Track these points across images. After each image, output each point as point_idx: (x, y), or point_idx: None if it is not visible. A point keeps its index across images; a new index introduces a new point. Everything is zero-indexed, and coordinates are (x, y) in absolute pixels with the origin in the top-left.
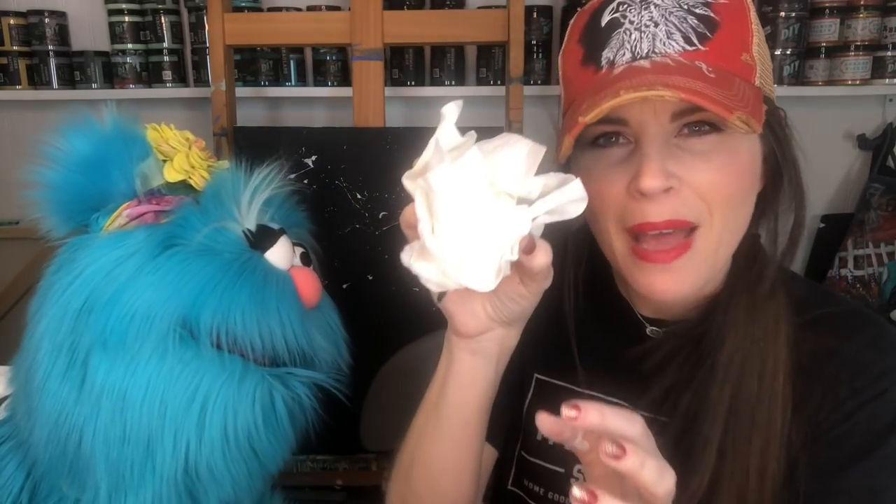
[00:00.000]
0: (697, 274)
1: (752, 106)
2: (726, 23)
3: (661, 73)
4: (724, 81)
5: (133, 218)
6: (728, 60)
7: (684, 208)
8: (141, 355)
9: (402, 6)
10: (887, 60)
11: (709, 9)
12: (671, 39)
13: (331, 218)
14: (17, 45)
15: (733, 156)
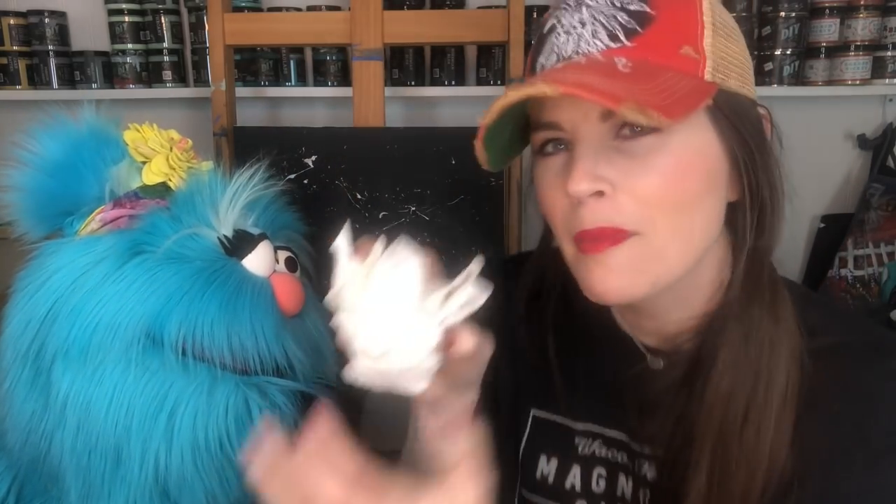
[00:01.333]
0: (639, 278)
1: (675, 98)
2: (663, 17)
3: (564, 71)
4: (643, 75)
5: (106, 222)
6: (660, 54)
7: (619, 216)
8: (105, 365)
9: (402, 6)
10: (887, 60)
11: (645, 4)
12: (596, 38)
13: (331, 218)
14: (17, 45)
15: (676, 158)
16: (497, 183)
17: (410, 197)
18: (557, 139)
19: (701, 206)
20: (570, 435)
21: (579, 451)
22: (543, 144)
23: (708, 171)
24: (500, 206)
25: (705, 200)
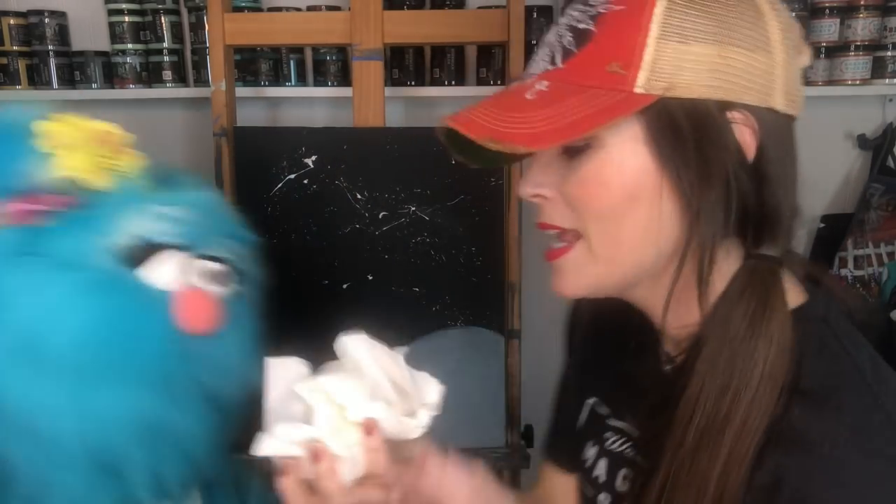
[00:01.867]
0: (584, 279)
1: (564, 122)
2: (600, 35)
3: (486, 101)
4: (548, 100)
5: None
6: (583, 74)
7: (556, 215)
8: None
9: (402, 6)
10: (887, 60)
11: (592, 22)
12: (543, 59)
13: (331, 218)
14: (17, 45)
15: (595, 171)
16: (497, 183)
17: (410, 197)
18: None
19: (628, 216)
20: (603, 428)
21: (606, 446)
22: None
23: (628, 183)
24: (500, 206)
25: (632, 210)
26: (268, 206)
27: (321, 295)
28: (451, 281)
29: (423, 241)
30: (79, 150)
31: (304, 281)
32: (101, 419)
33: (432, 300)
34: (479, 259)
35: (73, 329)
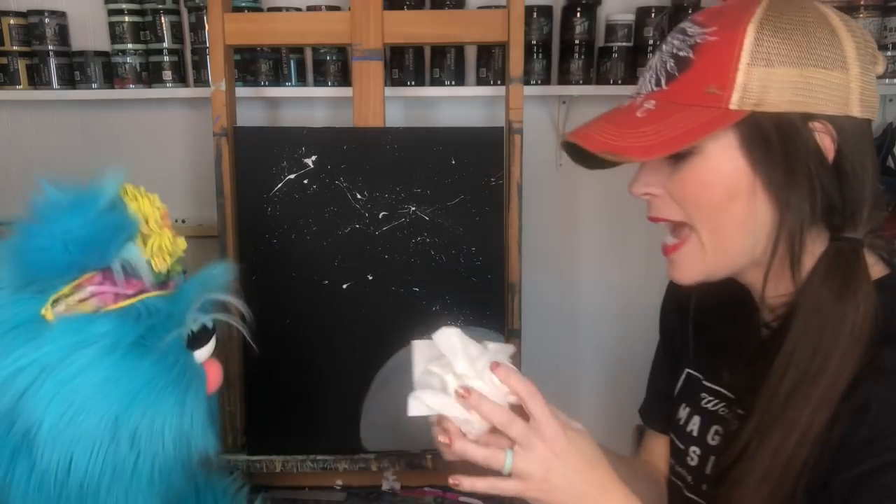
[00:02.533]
0: (696, 268)
1: (669, 136)
2: (700, 62)
3: (600, 119)
4: (655, 117)
5: (95, 295)
6: (686, 96)
7: (665, 210)
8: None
9: (402, 6)
10: (887, 60)
11: (692, 50)
12: (650, 82)
13: (331, 218)
14: (17, 45)
15: (698, 173)
16: (497, 183)
17: (410, 197)
18: None
19: (728, 213)
20: (698, 388)
21: (701, 405)
22: None
23: (727, 185)
24: (500, 206)
25: (730, 206)
26: (268, 206)
27: (321, 295)
28: (451, 281)
29: (423, 241)
30: (165, 237)
31: (304, 281)
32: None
33: (432, 300)
34: (479, 259)
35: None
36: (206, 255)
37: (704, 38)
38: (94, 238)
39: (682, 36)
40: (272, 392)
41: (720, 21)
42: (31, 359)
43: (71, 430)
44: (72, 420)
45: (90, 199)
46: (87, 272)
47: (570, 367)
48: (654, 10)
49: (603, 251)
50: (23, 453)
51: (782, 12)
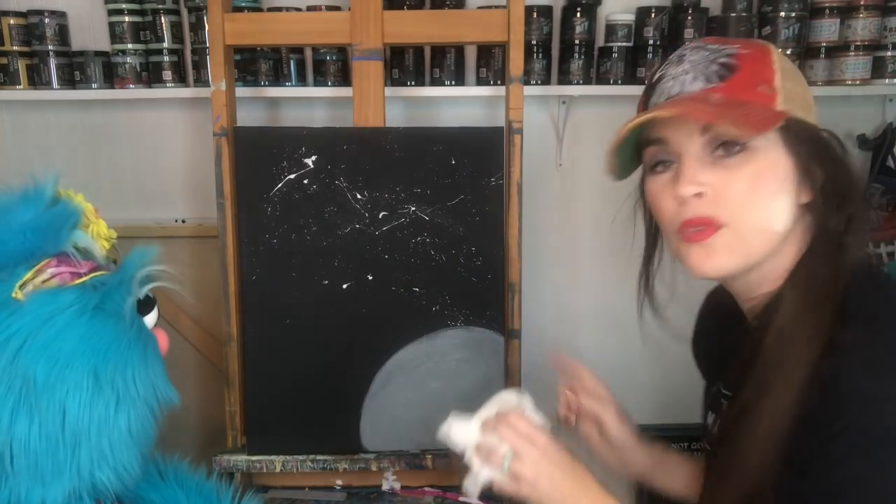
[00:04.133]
0: (732, 255)
1: (756, 119)
2: (745, 67)
3: (672, 103)
4: (731, 105)
5: (55, 276)
6: (743, 92)
7: (714, 209)
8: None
9: (402, 6)
10: (887, 60)
11: (731, 58)
12: (695, 82)
13: (331, 218)
14: (17, 45)
15: (757, 167)
16: (497, 183)
17: (410, 197)
18: (665, 160)
19: (775, 205)
20: (719, 396)
21: (722, 409)
22: (655, 164)
23: (779, 179)
24: (500, 206)
25: (778, 200)
26: (268, 206)
27: (321, 295)
28: (451, 281)
29: (423, 241)
30: (100, 224)
31: (304, 281)
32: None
33: (432, 300)
34: (479, 259)
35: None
36: (207, 255)
37: (737, 51)
38: (47, 226)
39: (707, 51)
40: (272, 392)
41: (738, 42)
42: (16, 327)
43: (61, 384)
44: (60, 374)
45: (37, 195)
46: (45, 258)
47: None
48: (654, 10)
49: (603, 251)
50: (22, 410)
51: None
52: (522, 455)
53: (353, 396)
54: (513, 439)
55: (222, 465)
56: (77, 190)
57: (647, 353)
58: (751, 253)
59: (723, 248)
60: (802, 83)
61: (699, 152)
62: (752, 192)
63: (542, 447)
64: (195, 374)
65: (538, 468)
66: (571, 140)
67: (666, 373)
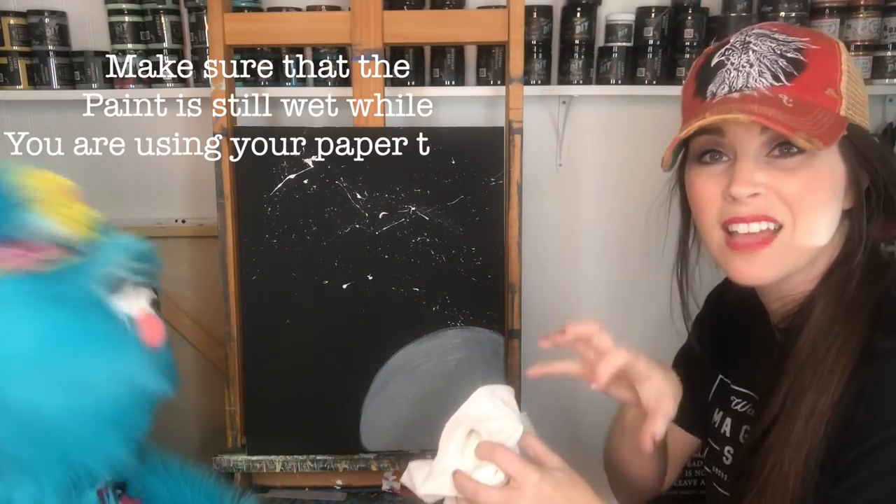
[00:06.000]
0: (777, 266)
1: (825, 129)
2: (813, 65)
3: (744, 102)
4: (801, 110)
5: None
6: (812, 94)
7: (769, 208)
8: None
9: (402, 6)
10: (887, 60)
11: (800, 53)
12: (762, 77)
13: (331, 218)
14: (17, 45)
15: (815, 172)
16: (497, 183)
17: (410, 197)
18: (715, 150)
19: (827, 210)
20: (729, 393)
21: (732, 406)
22: (702, 154)
23: (833, 184)
24: (500, 206)
25: (831, 205)
26: (268, 206)
27: (321, 295)
28: (451, 281)
29: (423, 241)
30: (60, 205)
31: (304, 281)
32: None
33: (432, 300)
34: (479, 259)
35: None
36: (207, 255)
37: (807, 45)
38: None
39: (773, 41)
40: (272, 392)
41: (809, 34)
42: None
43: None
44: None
45: None
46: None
47: None
48: (654, 10)
49: (603, 251)
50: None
51: None
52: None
53: (353, 396)
54: (497, 500)
55: (222, 465)
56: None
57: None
58: (795, 263)
59: (770, 259)
60: (862, 85)
61: (757, 151)
62: (806, 197)
63: (531, 498)
64: (195, 374)
65: None
66: (571, 140)
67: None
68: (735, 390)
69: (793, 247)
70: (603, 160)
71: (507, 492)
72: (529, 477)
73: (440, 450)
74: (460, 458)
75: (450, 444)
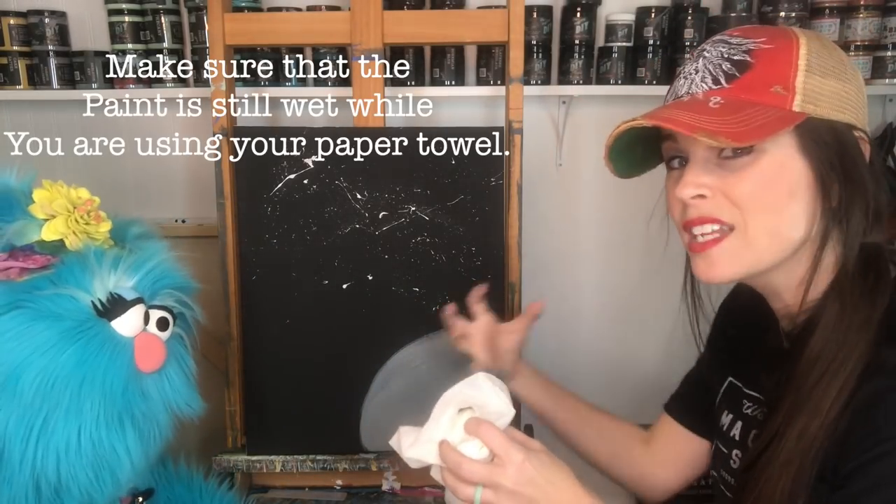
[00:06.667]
0: (735, 265)
1: (751, 127)
2: (760, 64)
3: (670, 107)
4: (729, 109)
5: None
6: (753, 93)
7: (716, 210)
8: None
9: (402, 6)
10: (887, 60)
11: (748, 55)
12: (703, 82)
13: (331, 218)
14: (17, 45)
15: (763, 170)
16: (497, 183)
17: (410, 197)
18: (676, 156)
19: (786, 210)
20: (740, 396)
21: (742, 410)
22: (670, 160)
23: (789, 182)
24: (500, 206)
25: (790, 205)
26: (268, 206)
27: (321, 295)
28: (451, 281)
29: (423, 241)
30: (62, 217)
31: (304, 281)
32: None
33: (432, 300)
34: (479, 259)
35: (49, 369)
36: (207, 255)
37: (758, 46)
38: None
39: (726, 45)
40: (272, 392)
41: (767, 33)
42: None
43: None
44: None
45: None
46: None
47: (570, 367)
48: (654, 10)
49: (603, 251)
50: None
51: (817, 35)
52: (494, 489)
53: (352, 396)
54: (479, 478)
55: (222, 465)
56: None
57: (647, 352)
58: (760, 259)
59: (725, 258)
60: (844, 78)
61: (705, 153)
62: (755, 196)
63: (514, 475)
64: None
65: (515, 502)
66: (571, 140)
67: (666, 371)
68: (747, 394)
69: (748, 246)
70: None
71: (491, 468)
72: (513, 455)
73: (431, 419)
74: (450, 431)
75: (442, 416)
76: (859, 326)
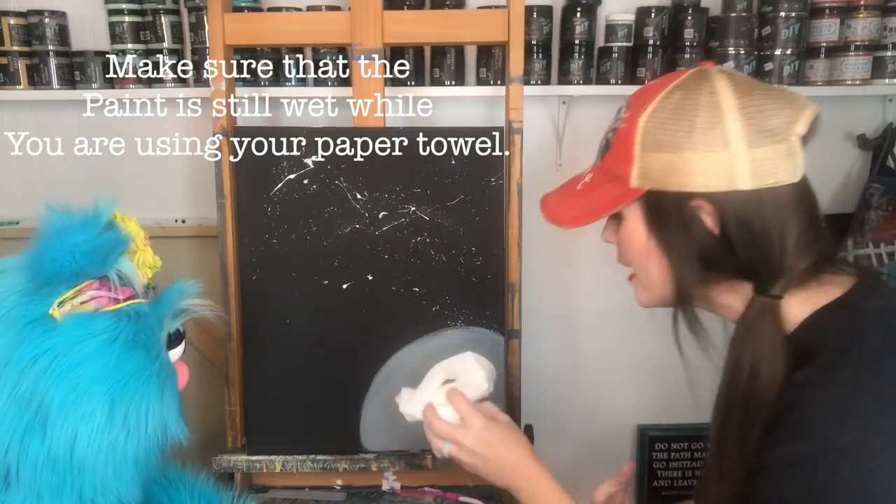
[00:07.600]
0: (647, 298)
1: (587, 210)
2: (615, 144)
3: (556, 191)
4: (588, 189)
5: (94, 298)
6: (607, 173)
7: (621, 256)
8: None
9: (402, 6)
10: (887, 60)
11: (612, 134)
12: (597, 153)
13: (331, 218)
14: (17, 45)
15: (625, 236)
16: (497, 183)
17: (410, 197)
18: None
19: (646, 265)
20: None
21: None
22: None
23: (637, 245)
24: (500, 206)
25: (647, 262)
26: (268, 206)
27: (321, 295)
28: (451, 281)
29: (423, 241)
30: (146, 253)
31: (304, 281)
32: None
33: (432, 300)
34: (479, 259)
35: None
36: (207, 255)
37: (619, 124)
38: (96, 251)
39: (616, 115)
40: (272, 392)
41: (634, 106)
42: (46, 347)
43: (76, 410)
44: (76, 400)
45: (94, 219)
46: (88, 279)
47: (570, 366)
48: (654, 10)
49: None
50: (36, 430)
51: (678, 99)
52: (458, 446)
53: (353, 396)
54: (445, 434)
55: (222, 465)
56: (76, 189)
57: (647, 353)
58: (661, 298)
59: (639, 290)
60: (686, 146)
61: None
62: (624, 252)
63: (472, 437)
64: (195, 374)
65: (472, 458)
66: (571, 140)
67: (666, 373)
68: None
69: (645, 288)
70: None
71: (455, 428)
72: (475, 421)
73: (423, 383)
74: (435, 395)
75: (432, 382)
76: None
